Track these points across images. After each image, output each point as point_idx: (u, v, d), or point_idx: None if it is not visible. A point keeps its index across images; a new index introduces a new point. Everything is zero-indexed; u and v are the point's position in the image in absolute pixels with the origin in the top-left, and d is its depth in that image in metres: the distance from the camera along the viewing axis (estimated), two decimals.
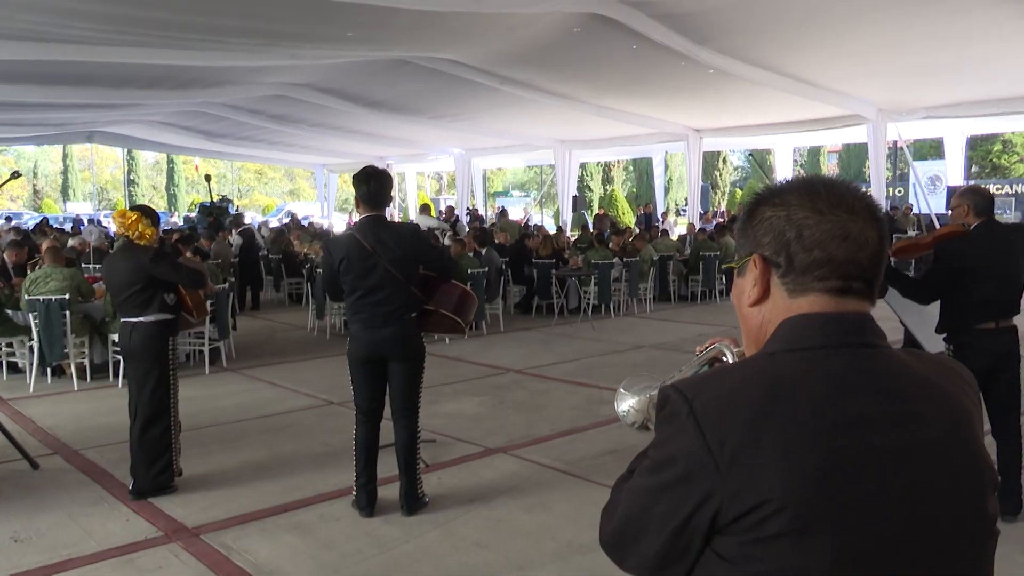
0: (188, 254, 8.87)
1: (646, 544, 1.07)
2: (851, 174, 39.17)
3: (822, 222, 1.09)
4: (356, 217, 4.43)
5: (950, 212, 4.43)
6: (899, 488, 1.01)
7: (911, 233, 14.72)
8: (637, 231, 16.19)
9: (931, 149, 31.56)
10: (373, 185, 4.18)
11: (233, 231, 14.09)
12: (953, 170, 20.53)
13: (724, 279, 12.97)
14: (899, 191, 25.25)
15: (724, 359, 1.30)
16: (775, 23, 10.24)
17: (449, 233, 14.23)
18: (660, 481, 1.04)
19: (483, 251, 11.69)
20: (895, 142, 16.95)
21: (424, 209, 18.84)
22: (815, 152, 41.00)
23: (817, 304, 1.09)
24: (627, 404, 1.51)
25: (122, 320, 4.76)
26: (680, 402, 1.04)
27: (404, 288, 4.23)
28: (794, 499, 0.98)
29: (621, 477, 1.19)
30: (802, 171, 41.68)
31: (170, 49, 11.05)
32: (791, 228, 1.10)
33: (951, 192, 18.01)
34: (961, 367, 1.19)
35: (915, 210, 18.44)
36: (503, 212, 25.65)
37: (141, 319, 4.68)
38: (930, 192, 20.83)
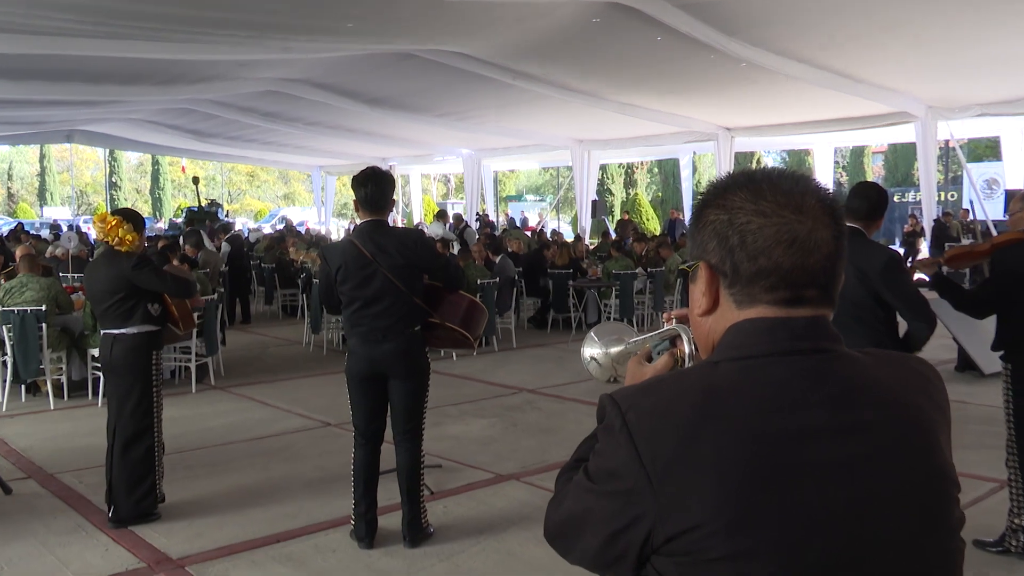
0: (175, 262, 8.95)
1: (586, 542, 1.11)
2: (898, 177, 39.03)
3: (765, 226, 1.08)
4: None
5: (1008, 217, 4.42)
6: (843, 504, 1.02)
7: (965, 241, 14.65)
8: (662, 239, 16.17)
9: (987, 149, 31.43)
10: (372, 188, 4.22)
11: (221, 237, 14.19)
12: (1012, 172, 20.39)
13: (680, 283, 12.96)
14: (952, 195, 25.15)
15: (680, 344, 1.31)
16: (811, 12, 10.26)
17: (454, 242, 14.28)
18: (600, 489, 1.08)
19: (496, 260, 11.72)
20: (947, 142, 16.90)
21: (440, 215, 18.94)
22: (858, 153, 40.90)
23: (766, 315, 1.10)
24: (591, 352, 1.52)
25: (103, 332, 4.81)
26: (614, 414, 1.06)
27: (406, 299, 4.25)
28: (727, 518, 0.99)
29: (567, 466, 1.24)
30: (844, 173, 41.58)
31: (153, 42, 11.17)
32: (734, 234, 1.10)
33: (1010, 196, 17.91)
34: (929, 367, 1.19)
35: (970, 216, 18.35)
36: (512, 223, 25.62)
37: (123, 331, 4.73)
38: (986, 196, 20.74)
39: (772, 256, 1.08)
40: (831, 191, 1.14)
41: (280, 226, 28.27)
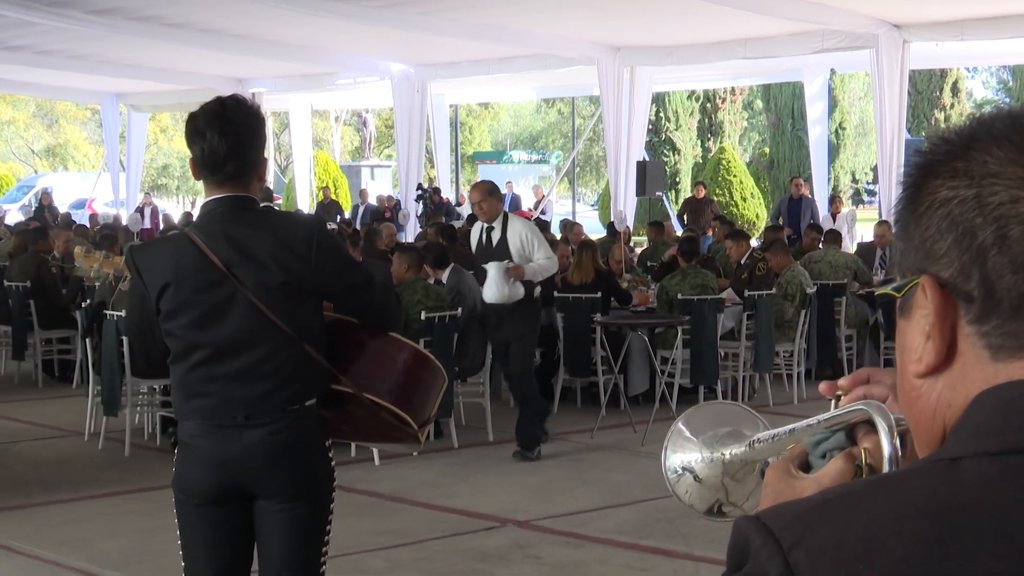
0: None
1: None
2: None
3: None
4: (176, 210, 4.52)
5: None
6: None
7: None
8: (771, 234, 16.27)
9: None
10: (231, 136, 4.27)
11: None
12: None
13: (881, 316, 13.07)
14: None
15: (865, 439, 1.34)
16: None
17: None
18: None
19: (442, 276, 11.71)
20: None
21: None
22: None
23: None
24: (683, 460, 1.55)
25: None
26: (767, 553, 1.07)
27: (291, 347, 4.29)
28: None
29: None
30: None
31: None
32: (987, 223, 1.12)
33: None
34: None
35: None
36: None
37: None
38: None
39: None
40: None
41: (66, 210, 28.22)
